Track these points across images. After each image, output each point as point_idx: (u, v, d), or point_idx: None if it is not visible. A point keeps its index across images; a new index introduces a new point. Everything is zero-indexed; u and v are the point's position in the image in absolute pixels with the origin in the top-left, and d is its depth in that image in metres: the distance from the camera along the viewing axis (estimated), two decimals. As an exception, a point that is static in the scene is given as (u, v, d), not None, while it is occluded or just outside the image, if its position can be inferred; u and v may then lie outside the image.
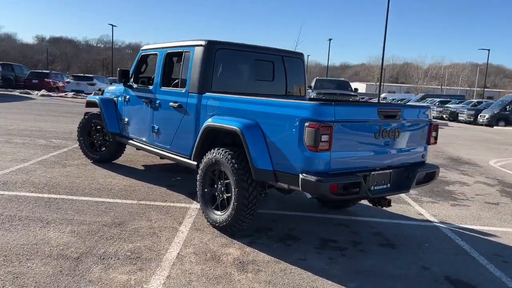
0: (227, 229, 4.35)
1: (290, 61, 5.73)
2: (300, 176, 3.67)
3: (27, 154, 7.64)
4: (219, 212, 4.47)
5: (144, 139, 6.03)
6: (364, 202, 5.91)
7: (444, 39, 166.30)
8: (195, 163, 4.87)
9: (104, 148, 7.26)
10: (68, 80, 31.91)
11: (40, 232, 4.15)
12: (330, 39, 49.58)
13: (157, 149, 5.73)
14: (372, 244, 4.48)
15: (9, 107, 16.15)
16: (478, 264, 4.15)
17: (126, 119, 6.47)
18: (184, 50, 5.26)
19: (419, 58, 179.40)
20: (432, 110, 31.86)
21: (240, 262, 3.81)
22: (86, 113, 7.40)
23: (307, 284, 3.50)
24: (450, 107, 31.87)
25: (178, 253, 3.91)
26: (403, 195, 6.53)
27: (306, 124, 3.61)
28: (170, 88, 5.51)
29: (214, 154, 4.42)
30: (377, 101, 26.11)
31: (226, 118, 4.43)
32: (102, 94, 7.51)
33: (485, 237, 4.94)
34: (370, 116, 3.92)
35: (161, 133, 5.60)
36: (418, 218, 5.50)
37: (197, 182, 4.69)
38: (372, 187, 4.07)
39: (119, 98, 6.69)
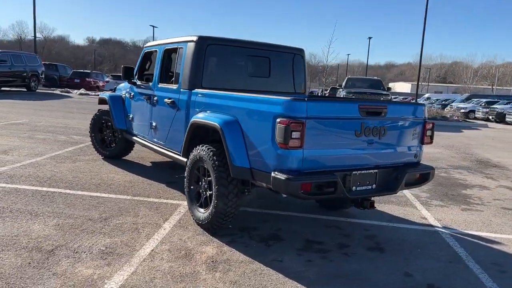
0: (209, 227, 4.29)
1: (289, 57, 5.58)
2: (272, 174, 3.55)
3: (43, 149, 7.89)
4: (202, 210, 4.41)
5: (144, 135, 6.07)
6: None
7: (496, 37, 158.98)
8: (185, 159, 4.84)
9: (114, 145, 7.38)
10: (107, 79, 32.93)
11: (25, 224, 4.24)
12: (370, 38, 48.51)
13: (154, 145, 5.75)
14: (360, 247, 4.27)
15: (45, 105, 16.82)
16: (470, 273, 3.86)
17: (131, 116, 6.55)
18: (179, 47, 5.24)
19: (469, 57, 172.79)
20: (477, 111, 30.53)
21: (212, 261, 3.74)
22: (98, 110, 7.56)
23: (273, 286, 3.38)
24: (496, 108, 30.31)
25: (153, 250, 3.88)
26: (411, 198, 6.24)
27: (277, 120, 3.48)
28: (166, 84, 5.51)
29: (198, 151, 4.37)
30: (415, 101, 25.24)
31: (210, 115, 4.37)
32: (114, 91, 7.64)
33: (488, 245, 4.61)
34: (349, 113, 3.74)
35: (158, 130, 5.61)
36: (420, 222, 5.22)
37: (185, 179, 4.66)
38: (354, 187, 3.88)
39: (126, 95, 6.77)
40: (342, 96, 18.59)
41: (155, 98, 5.63)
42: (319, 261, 3.88)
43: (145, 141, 6.05)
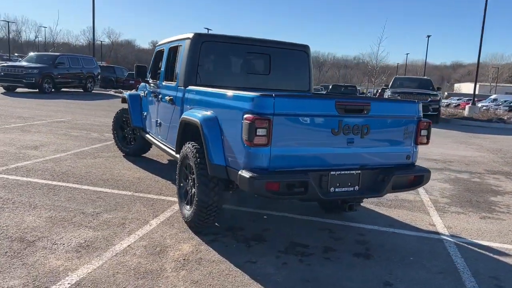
0: (192, 224, 4.26)
1: (291, 54, 5.43)
2: (239, 172, 3.45)
3: (71, 145, 8.25)
4: (188, 207, 4.39)
5: (153, 133, 6.17)
6: (369, 207, 5.42)
7: None
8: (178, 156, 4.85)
9: (133, 142, 7.57)
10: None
11: (20, 215, 4.43)
12: (428, 36, 46.41)
13: (159, 142, 5.81)
14: (346, 252, 4.05)
15: (93, 104, 17.64)
16: (461, 286, 3.54)
17: (144, 114, 6.68)
18: (179, 44, 5.26)
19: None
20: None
21: (184, 259, 3.70)
22: (121, 108, 7.79)
23: (235, 287, 3.27)
24: None
25: (129, 245, 3.90)
26: (427, 203, 5.85)
27: (244, 116, 3.38)
28: (168, 82, 5.55)
29: (185, 148, 4.36)
30: (472, 101, 23.76)
31: (195, 111, 4.34)
32: (136, 90, 7.83)
33: (495, 256, 4.21)
34: (324, 110, 3.55)
35: (161, 127, 5.68)
36: (426, 229, 4.87)
37: (176, 176, 4.67)
38: (333, 188, 3.68)
39: (142, 94, 6.92)
40: (387, 96, 17.90)
41: (160, 96, 5.70)
42: (295, 265, 3.72)
43: (153, 138, 6.15)
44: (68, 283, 3.17)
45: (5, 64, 21.29)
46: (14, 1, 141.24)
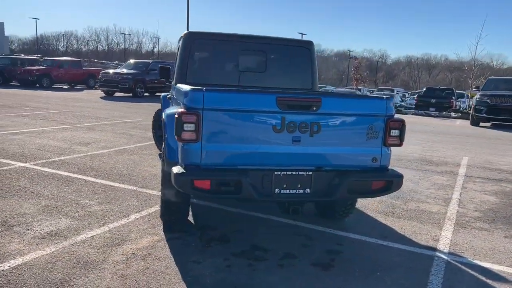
0: (162, 221, 4.29)
1: (290, 50, 5.19)
2: (172, 169, 3.39)
3: (119, 143, 8.82)
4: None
5: None
6: (374, 215, 4.97)
7: None
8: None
9: (168, 141, 7.84)
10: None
11: (22, 202, 4.85)
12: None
13: None
14: (306, 261, 3.75)
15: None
16: (414, 310, 3.07)
17: (169, 113, 6.88)
18: (178, 44, 5.35)
19: None
20: None
21: (132, 253, 3.73)
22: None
23: (158, 285, 3.22)
24: None
25: (92, 236, 4.05)
26: (450, 215, 5.20)
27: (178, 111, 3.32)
28: (174, 81, 5.66)
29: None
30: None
31: (170, 109, 4.37)
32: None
33: (486, 279, 3.58)
34: (263, 106, 3.32)
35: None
36: (424, 243, 4.31)
37: None
38: (277, 189, 3.44)
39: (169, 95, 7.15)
40: (475, 99, 16.21)
41: (170, 96, 5.83)
42: (238, 269, 3.54)
43: None
44: (9, 266, 3.38)
45: (105, 71, 23.56)
46: (134, 16, 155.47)
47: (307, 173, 3.46)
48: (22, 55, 45.56)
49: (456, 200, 5.93)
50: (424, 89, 29.75)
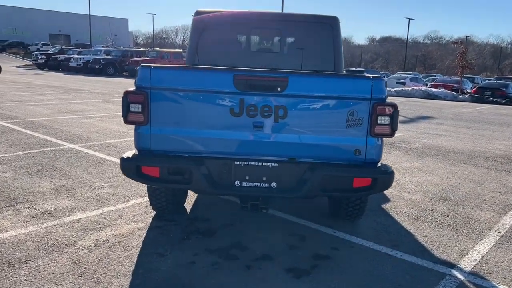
0: (152, 208, 4.13)
1: (310, 27, 4.62)
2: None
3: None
4: (154, 191, 4.26)
5: None
6: (400, 219, 4.30)
7: None
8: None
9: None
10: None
11: (42, 181, 5.05)
12: None
13: None
14: (282, 264, 3.28)
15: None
16: None
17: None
18: None
19: None
20: None
21: (105, 240, 3.62)
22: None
23: (103, 275, 3.04)
24: None
25: (79, 218, 4.03)
26: (502, 227, 4.26)
27: None
28: None
29: None
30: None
31: None
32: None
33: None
34: (218, 86, 2.92)
35: None
36: (442, 257, 3.54)
37: None
38: (238, 181, 3.03)
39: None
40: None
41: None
42: (198, 267, 3.21)
43: None
44: (-17, 241, 3.47)
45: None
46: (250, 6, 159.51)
47: (273, 164, 2.99)
48: (141, 48, 49.47)
49: (522, 207, 4.87)
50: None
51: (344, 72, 4.88)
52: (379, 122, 2.90)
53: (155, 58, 28.94)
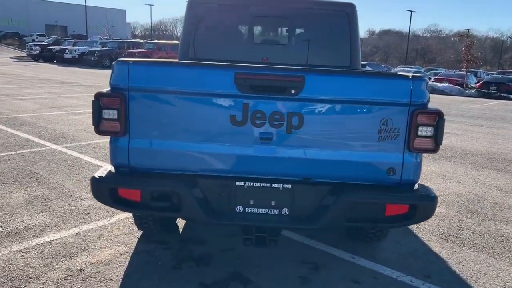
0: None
1: (323, 16, 3.98)
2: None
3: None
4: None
5: None
6: (428, 238, 3.71)
7: None
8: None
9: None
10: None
11: (15, 190, 4.43)
12: None
13: None
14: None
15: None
16: None
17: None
18: None
19: None
20: None
21: (78, 270, 3.02)
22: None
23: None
24: None
25: (51, 241, 3.42)
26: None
27: None
28: None
29: None
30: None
31: None
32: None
33: None
34: (215, 86, 2.29)
35: None
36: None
37: None
38: (240, 207, 2.41)
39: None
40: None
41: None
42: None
43: None
44: None
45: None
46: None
47: (285, 185, 2.37)
48: (139, 39, 48.61)
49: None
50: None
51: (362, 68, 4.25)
52: (419, 133, 2.28)
53: (152, 50, 28.21)
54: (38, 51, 33.72)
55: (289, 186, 2.38)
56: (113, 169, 2.47)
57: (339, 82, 2.28)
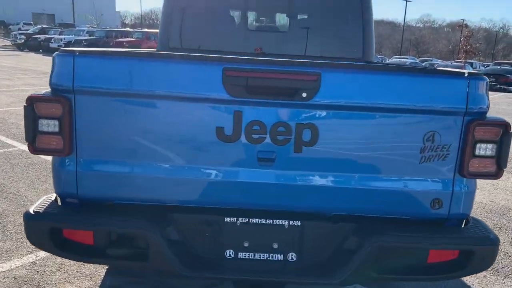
0: None
1: (330, 1, 3.33)
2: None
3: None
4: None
5: None
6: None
7: None
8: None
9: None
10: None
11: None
12: None
13: None
14: None
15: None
16: None
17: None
18: None
19: None
20: None
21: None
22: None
23: None
24: None
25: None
26: None
27: None
28: None
29: None
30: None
31: None
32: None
33: None
34: (196, 88, 1.63)
35: None
36: None
37: None
38: (231, 251, 1.77)
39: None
40: None
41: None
42: None
43: None
44: None
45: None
46: None
47: (292, 222, 1.74)
48: (128, 28, 47.51)
49: None
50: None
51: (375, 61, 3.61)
52: (477, 152, 1.66)
53: (141, 39, 27.26)
54: (23, 40, 32.61)
55: (298, 222, 1.74)
56: (58, 200, 1.82)
57: (367, 82, 1.63)
